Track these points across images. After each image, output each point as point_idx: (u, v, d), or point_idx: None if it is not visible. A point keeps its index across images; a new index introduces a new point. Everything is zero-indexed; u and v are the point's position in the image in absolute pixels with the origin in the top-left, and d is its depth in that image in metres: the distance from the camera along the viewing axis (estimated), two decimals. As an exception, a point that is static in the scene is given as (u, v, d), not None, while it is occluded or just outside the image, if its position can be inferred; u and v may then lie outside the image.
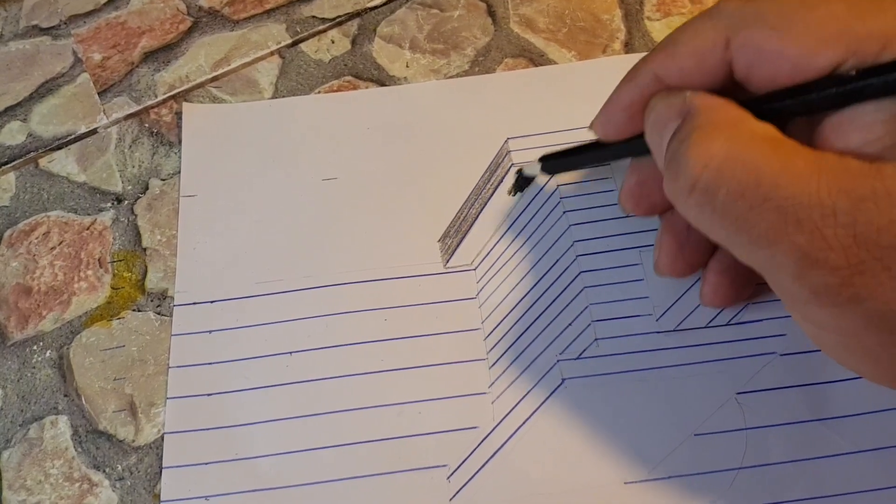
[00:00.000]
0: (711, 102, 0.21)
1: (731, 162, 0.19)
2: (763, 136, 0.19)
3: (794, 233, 0.18)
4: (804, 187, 0.18)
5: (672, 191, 0.21)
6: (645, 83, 0.23)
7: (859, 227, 0.17)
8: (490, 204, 0.32)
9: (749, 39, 0.20)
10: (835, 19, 0.19)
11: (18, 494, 0.28)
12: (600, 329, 0.29)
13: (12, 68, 0.37)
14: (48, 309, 0.31)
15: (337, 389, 0.29)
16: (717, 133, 0.20)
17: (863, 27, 0.18)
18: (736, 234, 0.19)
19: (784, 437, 0.27)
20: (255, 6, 0.39)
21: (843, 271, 0.18)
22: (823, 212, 0.17)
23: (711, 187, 0.19)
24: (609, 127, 0.25)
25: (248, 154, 0.34)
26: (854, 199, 0.17)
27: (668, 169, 0.21)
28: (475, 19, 0.38)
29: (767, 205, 0.18)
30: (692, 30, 0.22)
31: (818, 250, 0.18)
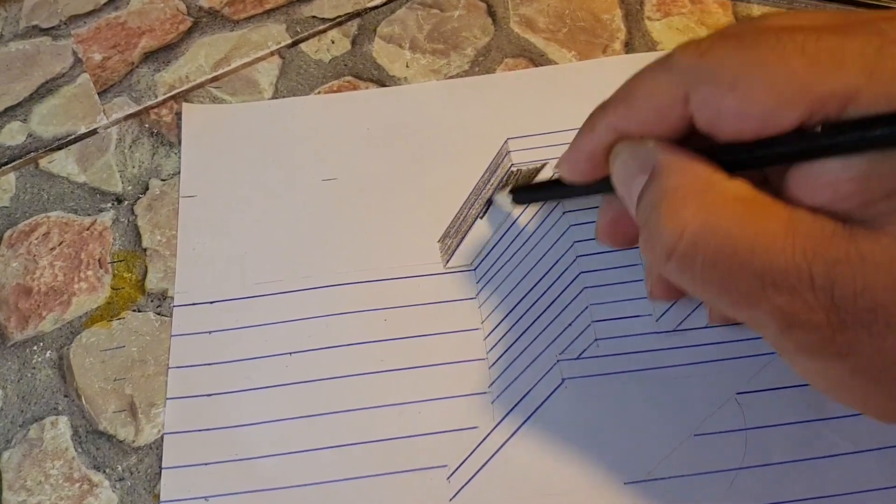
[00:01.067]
0: (677, 160, 0.20)
1: (706, 230, 0.19)
2: (735, 198, 0.19)
3: (773, 296, 0.18)
4: (780, 252, 0.18)
5: (649, 255, 0.20)
6: (604, 135, 0.22)
7: (837, 291, 0.17)
8: (490, 204, 0.32)
9: (708, 98, 0.19)
10: (795, 78, 0.18)
11: (18, 495, 0.28)
12: (600, 329, 0.29)
13: (12, 69, 0.37)
14: (48, 309, 0.31)
15: (337, 390, 0.29)
16: (689, 199, 0.19)
17: (824, 85, 0.18)
18: (716, 298, 0.19)
19: (784, 437, 0.27)
20: (255, 6, 0.39)
21: (825, 330, 0.18)
22: (800, 276, 0.17)
23: (688, 256, 0.19)
24: (574, 173, 0.24)
25: (247, 154, 0.34)
26: (829, 262, 0.17)
27: (642, 232, 0.21)
28: (475, 19, 0.38)
29: (745, 271, 0.18)
30: (649, 83, 0.21)
31: (799, 311, 0.18)
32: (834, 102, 0.17)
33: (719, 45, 0.19)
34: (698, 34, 0.37)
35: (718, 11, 0.38)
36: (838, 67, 0.17)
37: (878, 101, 0.17)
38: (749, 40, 0.19)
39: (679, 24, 0.37)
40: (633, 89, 0.22)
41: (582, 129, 0.23)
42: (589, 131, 0.23)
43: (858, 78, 0.17)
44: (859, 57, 0.17)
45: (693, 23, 0.37)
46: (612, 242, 0.26)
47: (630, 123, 0.22)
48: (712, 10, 0.38)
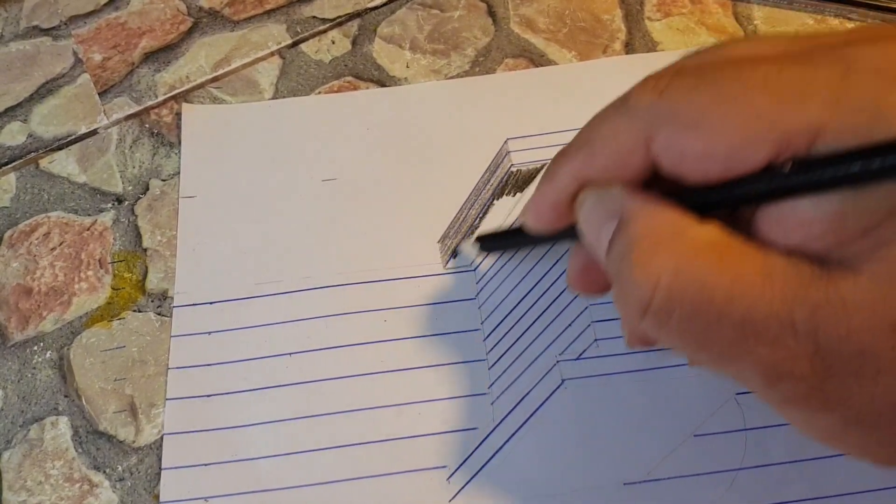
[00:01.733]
0: (644, 207, 0.19)
1: (680, 281, 0.18)
2: (707, 245, 0.18)
3: (755, 347, 0.17)
4: (758, 299, 0.17)
5: (622, 307, 0.20)
6: (567, 182, 0.21)
7: (821, 337, 0.16)
8: (490, 205, 0.32)
9: (670, 140, 0.19)
10: (759, 114, 0.17)
11: (19, 495, 0.28)
12: (600, 330, 0.29)
13: (13, 69, 0.37)
14: (48, 309, 0.31)
15: (337, 390, 0.29)
16: (659, 247, 0.18)
17: (790, 120, 0.17)
18: (696, 353, 0.19)
19: (784, 437, 0.27)
20: (255, 6, 0.39)
21: (811, 380, 0.17)
22: (781, 324, 0.17)
23: (664, 310, 0.18)
24: (539, 223, 0.23)
25: (247, 155, 0.34)
26: (810, 307, 0.16)
27: (614, 286, 0.20)
28: (475, 20, 0.38)
29: (724, 322, 0.17)
30: (608, 128, 0.20)
31: (782, 362, 0.17)
32: (801, 138, 0.17)
33: (678, 83, 0.19)
34: (698, 34, 0.37)
35: (718, 11, 0.38)
36: (803, 101, 0.17)
37: (846, 132, 0.16)
38: (709, 75, 0.18)
39: (679, 24, 0.37)
40: (592, 134, 0.21)
41: (543, 178, 0.23)
42: (551, 179, 0.22)
43: (824, 110, 0.16)
44: (824, 87, 0.17)
45: (693, 23, 0.37)
46: (584, 291, 0.25)
47: (592, 170, 0.21)
48: (712, 11, 0.38)
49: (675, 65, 0.20)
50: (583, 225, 0.21)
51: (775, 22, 0.37)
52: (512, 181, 0.32)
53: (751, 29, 0.37)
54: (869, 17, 0.37)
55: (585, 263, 0.24)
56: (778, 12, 0.37)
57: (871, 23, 0.37)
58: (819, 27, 0.37)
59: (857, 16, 0.37)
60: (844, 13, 0.37)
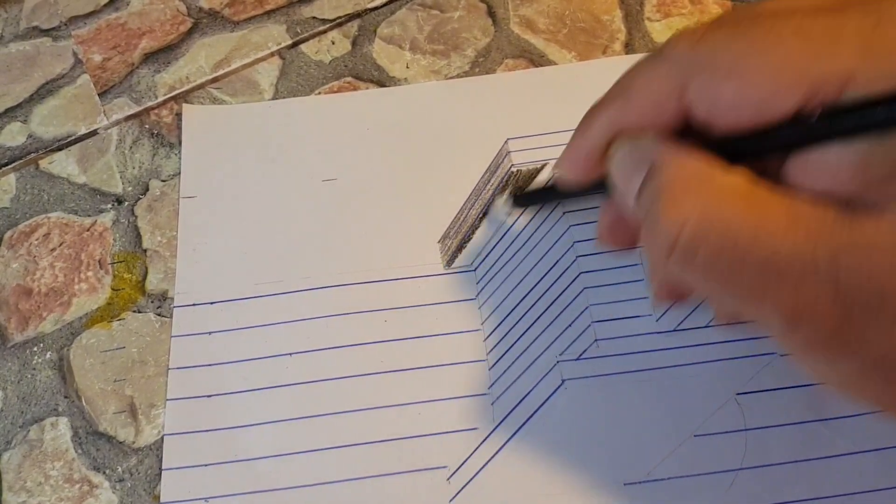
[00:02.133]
0: (675, 154, 0.20)
1: (706, 223, 0.18)
2: (733, 190, 0.19)
3: (777, 288, 0.17)
4: (782, 242, 0.17)
5: (651, 251, 0.20)
6: (602, 132, 0.22)
7: (842, 280, 0.17)
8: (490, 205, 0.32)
9: (705, 87, 0.19)
10: (791, 62, 0.18)
11: (19, 496, 0.28)
12: (600, 330, 0.29)
13: (13, 69, 0.37)
14: (48, 310, 0.31)
15: (337, 391, 0.29)
16: (688, 192, 0.19)
17: (821, 68, 0.17)
18: (720, 292, 0.19)
19: (784, 437, 0.27)
20: (255, 7, 0.39)
21: (831, 323, 0.17)
22: (804, 265, 0.17)
23: (689, 249, 0.18)
24: (572, 173, 0.24)
25: (247, 155, 0.34)
26: (833, 251, 0.17)
27: (643, 228, 0.20)
28: (475, 20, 0.38)
29: (747, 263, 0.18)
30: (644, 77, 0.21)
31: (804, 304, 0.17)
32: (831, 84, 0.17)
33: (714, 33, 0.19)
34: (698, 35, 0.37)
35: (718, 12, 0.38)
36: (834, 48, 0.17)
37: (876, 79, 0.17)
38: (744, 26, 0.19)
39: (679, 24, 0.37)
40: (628, 83, 0.21)
41: (579, 128, 0.23)
42: (586, 129, 0.23)
43: (855, 57, 0.17)
44: (855, 36, 0.17)
45: (693, 23, 0.37)
46: (613, 244, 0.26)
47: (627, 118, 0.21)
48: (712, 11, 0.38)
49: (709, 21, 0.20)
50: (615, 173, 0.22)
51: (775, 22, 0.37)
52: (512, 181, 0.32)
53: (750, 29, 0.37)
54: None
55: (615, 218, 0.25)
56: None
57: None
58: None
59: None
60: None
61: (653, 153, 0.20)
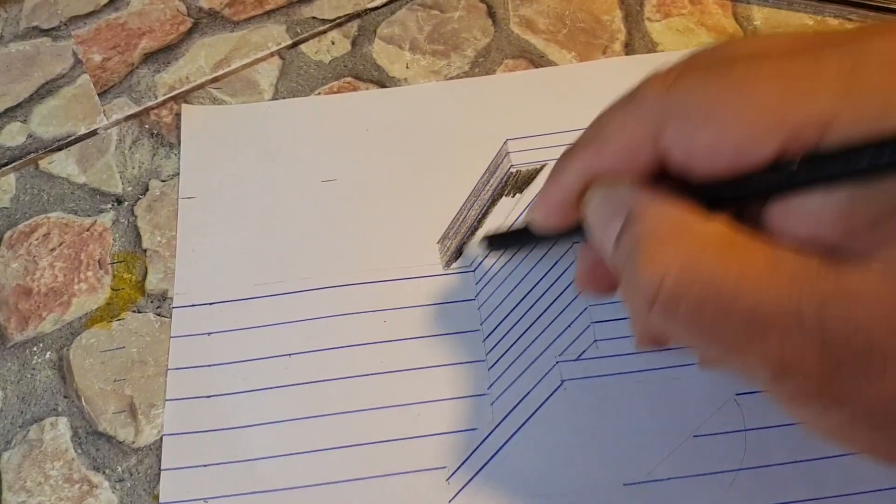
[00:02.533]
0: (652, 203, 0.19)
1: (687, 274, 0.18)
2: (714, 239, 0.18)
3: (762, 340, 0.17)
4: (766, 292, 0.17)
5: (631, 305, 0.20)
6: (576, 178, 0.21)
7: (828, 331, 0.16)
8: (489, 206, 0.32)
9: (680, 133, 0.19)
10: (769, 106, 0.17)
11: (18, 496, 0.28)
12: (599, 330, 0.29)
13: (12, 69, 0.37)
14: (48, 310, 0.31)
15: (336, 391, 0.29)
16: (667, 242, 0.18)
17: (800, 112, 0.17)
18: (704, 344, 0.19)
19: (783, 438, 0.27)
20: (255, 7, 0.39)
21: (819, 374, 0.17)
22: (789, 317, 0.16)
23: (671, 302, 0.18)
24: (547, 220, 0.23)
25: (247, 155, 0.34)
26: (818, 301, 0.16)
27: (622, 281, 0.20)
28: (475, 20, 0.38)
29: (731, 314, 0.17)
30: (618, 123, 0.20)
31: (790, 357, 0.17)
32: (811, 129, 0.17)
33: (688, 77, 0.19)
34: (698, 35, 0.37)
35: (718, 12, 0.38)
36: (813, 91, 0.17)
37: (857, 123, 0.16)
38: (719, 70, 0.18)
39: (679, 25, 0.37)
40: (601, 129, 0.21)
41: (551, 175, 0.23)
42: (559, 175, 0.22)
43: (834, 101, 0.16)
44: (834, 79, 0.16)
45: (693, 24, 0.37)
46: (592, 290, 0.25)
47: (601, 165, 0.21)
48: (712, 11, 0.38)
49: (681, 62, 0.20)
50: (590, 222, 0.21)
51: (775, 23, 0.37)
52: (511, 182, 0.32)
53: (750, 29, 0.37)
54: (869, 17, 0.37)
55: (593, 263, 0.24)
56: (777, 13, 0.37)
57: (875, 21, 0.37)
58: (819, 28, 0.37)
59: (856, 17, 0.37)
60: (844, 14, 0.37)
61: (629, 200, 0.20)
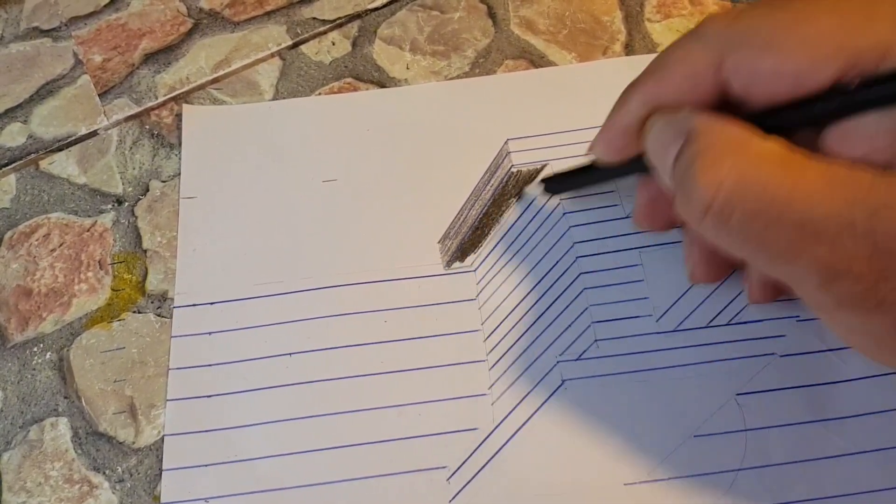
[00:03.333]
0: (712, 122, 0.20)
1: (742, 184, 0.19)
2: (770, 155, 0.19)
3: (813, 246, 0.18)
4: (818, 202, 0.18)
5: (686, 214, 0.20)
6: (637, 108, 0.22)
7: (879, 237, 0.17)
8: (490, 206, 0.32)
9: (743, 61, 0.20)
10: (829, 34, 0.18)
11: (18, 496, 0.28)
12: (600, 330, 0.29)
13: (13, 70, 0.37)
14: (48, 311, 0.31)
15: (337, 391, 0.29)
16: (724, 156, 0.19)
17: (858, 40, 0.18)
18: (755, 252, 0.19)
19: (784, 438, 0.27)
20: (255, 8, 0.39)
21: (867, 279, 0.18)
22: (840, 224, 0.17)
23: (725, 210, 0.19)
24: (608, 151, 0.24)
25: (247, 156, 0.34)
26: (869, 210, 0.17)
27: (678, 193, 0.21)
28: (475, 21, 0.38)
29: (783, 222, 0.18)
30: (681, 53, 0.21)
31: (840, 261, 0.18)
32: (868, 57, 0.18)
33: (750, 11, 0.20)
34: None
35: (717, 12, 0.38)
36: (870, 23, 0.18)
37: None
38: (780, 3, 0.19)
39: (679, 25, 0.37)
40: (665, 60, 0.22)
41: (615, 106, 0.23)
42: (622, 106, 0.23)
43: (891, 32, 0.17)
44: (890, 13, 0.18)
45: (693, 24, 0.37)
46: (650, 225, 0.26)
47: (663, 94, 0.22)
48: (712, 12, 0.38)
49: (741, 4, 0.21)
50: (651, 147, 0.22)
51: (775, 23, 0.37)
52: (512, 181, 0.33)
53: (750, 30, 0.37)
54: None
55: (651, 197, 0.25)
56: None
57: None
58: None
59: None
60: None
61: (689, 125, 0.20)
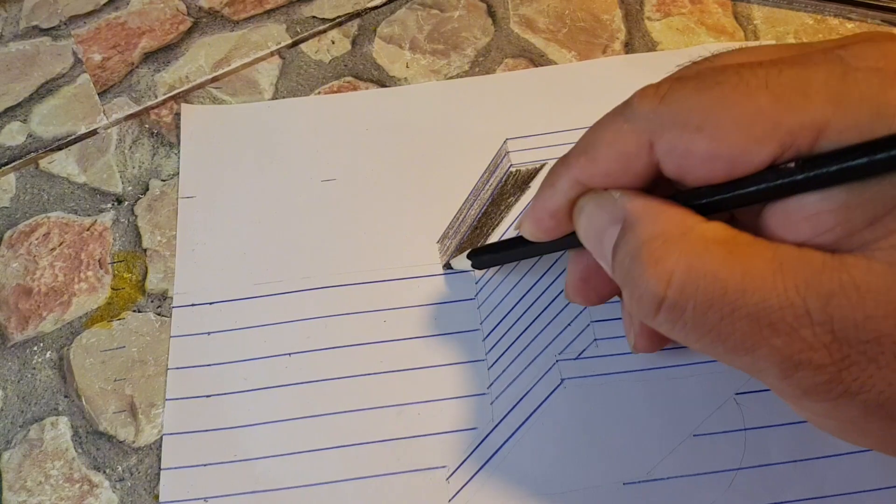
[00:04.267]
0: (648, 207, 0.20)
1: (692, 276, 0.18)
2: (717, 240, 0.18)
3: (770, 337, 0.17)
4: (770, 290, 0.17)
5: (636, 310, 0.20)
6: (567, 190, 0.22)
7: (836, 325, 0.17)
8: (489, 205, 0.32)
9: (674, 143, 0.19)
10: (763, 114, 0.17)
11: (19, 495, 0.28)
12: (599, 329, 0.29)
13: (12, 69, 0.37)
14: (48, 310, 0.31)
15: (336, 391, 0.29)
16: (670, 246, 0.18)
17: (793, 119, 0.17)
18: (712, 345, 0.19)
19: (783, 437, 0.27)
20: (255, 6, 0.39)
21: (829, 369, 0.17)
22: (796, 312, 0.17)
23: (678, 305, 0.18)
24: (537, 231, 0.24)
25: (246, 155, 0.34)
26: (823, 295, 0.17)
27: (625, 288, 0.20)
28: (475, 20, 0.38)
29: (738, 313, 0.17)
30: (610, 134, 0.20)
31: (799, 352, 0.17)
32: (804, 136, 0.17)
33: (679, 88, 0.19)
34: (698, 34, 0.37)
35: (718, 11, 0.38)
36: (805, 99, 0.17)
37: (849, 129, 0.16)
38: (710, 80, 0.18)
39: (679, 24, 0.37)
40: (593, 141, 0.21)
41: (542, 186, 0.23)
42: (550, 187, 0.22)
43: (826, 108, 0.17)
44: (824, 87, 0.17)
45: (693, 23, 0.37)
46: (584, 301, 0.25)
47: (593, 176, 0.21)
48: (712, 11, 0.38)
49: (673, 74, 0.20)
50: (583, 231, 0.21)
51: (775, 22, 0.37)
52: (511, 181, 0.33)
53: (750, 29, 0.37)
54: (868, 16, 0.37)
55: (584, 273, 0.24)
56: (777, 12, 0.37)
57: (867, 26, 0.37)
58: (819, 27, 0.37)
59: (856, 16, 0.37)
60: (844, 13, 0.37)
61: (624, 206, 0.20)
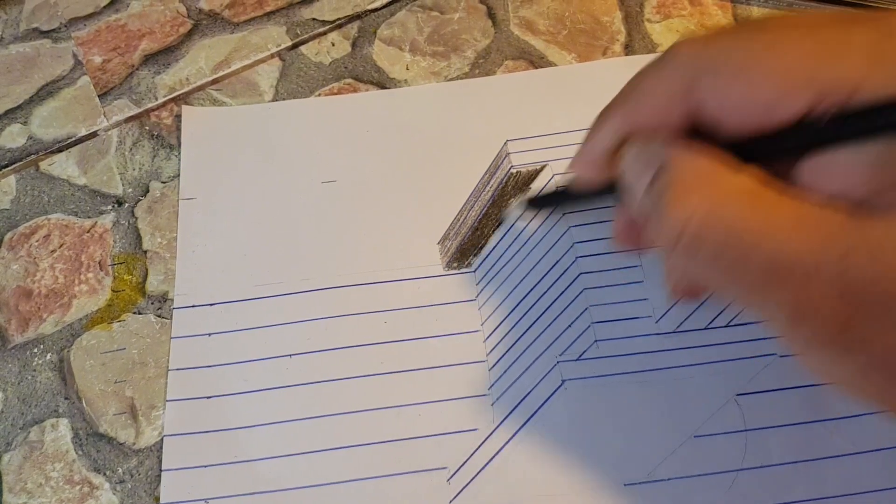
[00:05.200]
0: (684, 154, 0.20)
1: (711, 219, 0.18)
2: (740, 190, 0.19)
3: (781, 286, 0.18)
4: (787, 241, 0.17)
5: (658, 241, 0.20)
6: (612, 135, 0.22)
7: (845, 283, 0.17)
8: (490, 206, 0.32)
9: (712, 88, 0.20)
10: (800, 65, 0.18)
11: (19, 497, 0.28)
12: (600, 331, 0.29)
13: (13, 71, 0.37)
14: (49, 312, 0.31)
15: (337, 392, 0.29)
16: (695, 189, 0.19)
17: (831, 72, 0.18)
18: (725, 286, 0.19)
19: (784, 438, 0.27)
20: (255, 9, 0.39)
21: (836, 323, 0.17)
22: (806, 268, 0.17)
23: (694, 242, 0.19)
24: (584, 176, 0.25)
25: (247, 157, 0.34)
26: (837, 254, 0.17)
27: (650, 221, 0.21)
28: (475, 21, 0.38)
29: (751, 260, 0.18)
30: (652, 79, 0.21)
31: (806, 304, 0.17)
32: (839, 90, 0.17)
33: (721, 37, 0.20)
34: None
35: (718, 13, 0.38)
36: (843, 55, 0.17)
37: (884, 87, 0.17)
38: (751, 32, 0.19)
39: (679, 26, 0.37)
40: (636, 86, 0.22)
41: (589, 133, 0.23)
42: (597, 132, 0.23)
43: (863, 66, 0.17)
44: (863, 45, 0.17)
45: (693, 25, 0.37)
46: (628, 245, 0.26)
47: (637, 120, 0.22)
48: (712, 13, 0.38)
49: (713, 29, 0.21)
50: (625, 173, 0.22)
51: (774, 23, 0.37)
52: (512, 182, 0.33)
53: (750, 30, 0.37)
54: (868, 18, 0.37)
55: (629, 220, 0.25)
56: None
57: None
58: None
59: (855, 17, 0.37)
60: (843, 15, 0.37)
61: (662, 154, 0.21)
